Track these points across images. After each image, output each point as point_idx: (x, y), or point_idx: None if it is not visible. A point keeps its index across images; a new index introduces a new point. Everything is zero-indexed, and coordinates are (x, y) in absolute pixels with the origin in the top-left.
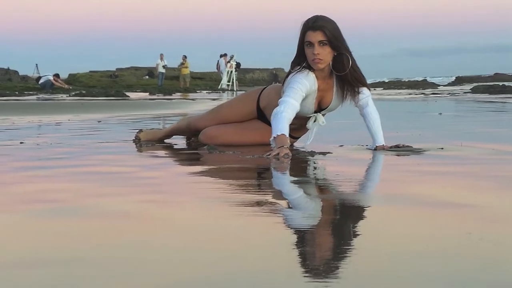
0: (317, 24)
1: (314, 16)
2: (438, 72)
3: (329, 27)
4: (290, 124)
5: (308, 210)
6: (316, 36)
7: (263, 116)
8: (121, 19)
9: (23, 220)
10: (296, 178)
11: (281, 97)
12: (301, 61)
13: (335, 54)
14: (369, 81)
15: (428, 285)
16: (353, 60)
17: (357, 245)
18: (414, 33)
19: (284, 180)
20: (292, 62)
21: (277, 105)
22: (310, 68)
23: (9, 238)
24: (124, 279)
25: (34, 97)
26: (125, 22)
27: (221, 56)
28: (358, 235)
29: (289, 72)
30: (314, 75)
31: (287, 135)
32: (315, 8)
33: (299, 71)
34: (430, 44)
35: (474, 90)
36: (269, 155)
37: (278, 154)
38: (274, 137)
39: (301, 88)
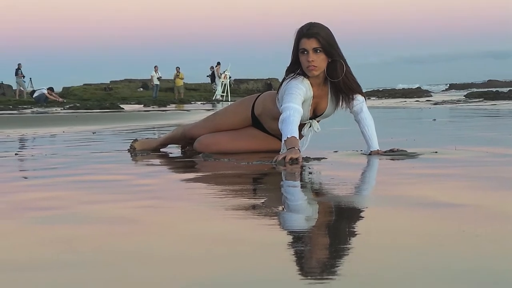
0: (311, 31)
1: (308, 23)
2: (431, 79)
3: (323, 34)
4: None
5: (304, 213)
6: (310, 43)
7: (257, 123)
8: (114, 32)
9: (21, 227)
10: (291, 182)
11: (276, 105)
12: (296, 68)
13: (329, 60)
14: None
15: (426, 280)
16: (347, 67)
17: (354, 244)
18: (411, 41)
19: (279, 185)
20: (287, 70)
21: (272, 112)
22: (304, 75)
23: (8, 243)
24: (121, 282)
25: (28, 110)
26: (119, 35)
27: (216, 64)
28: (355, 235)
29: (284, 79)
30: (308, 81)
31: (297, 137)
32: (310, 17)
33: (294, 77)
34: (426, 52)
35: (468, 97)
36: (275, 161)
37: (285, 158)
38: (285, 140)
39: (299, 93)
